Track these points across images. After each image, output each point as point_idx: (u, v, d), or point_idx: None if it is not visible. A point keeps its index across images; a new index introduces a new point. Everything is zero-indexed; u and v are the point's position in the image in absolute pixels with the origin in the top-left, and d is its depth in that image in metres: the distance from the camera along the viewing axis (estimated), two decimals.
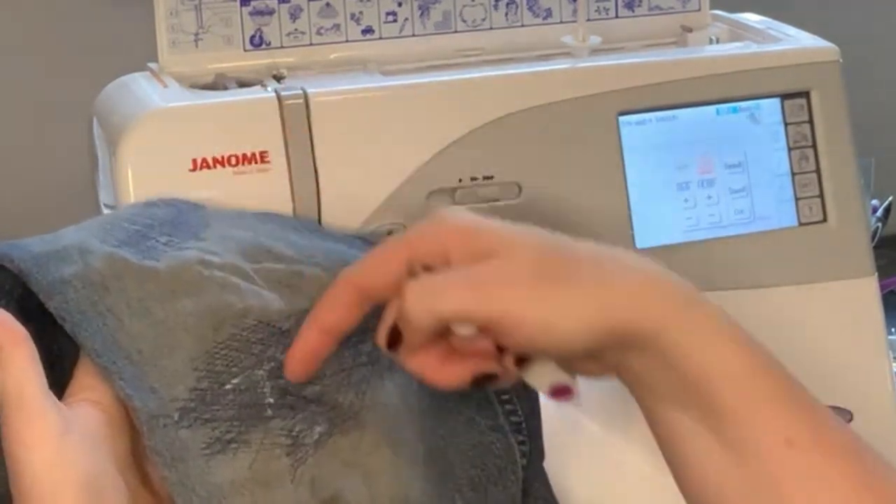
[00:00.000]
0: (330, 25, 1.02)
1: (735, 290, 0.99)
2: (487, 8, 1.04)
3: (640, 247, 0.97)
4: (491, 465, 0.81)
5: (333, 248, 0.83)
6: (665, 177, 0.99)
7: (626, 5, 1.07)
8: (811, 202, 1.01)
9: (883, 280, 1.07)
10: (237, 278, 0.77)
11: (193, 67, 0.99)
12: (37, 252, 0.75)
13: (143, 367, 0.72)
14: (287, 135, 0.91)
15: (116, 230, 0.79)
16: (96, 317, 0.73)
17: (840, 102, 1.01)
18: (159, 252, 0.77)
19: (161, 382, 0.72)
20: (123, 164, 0.89)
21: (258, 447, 0.73)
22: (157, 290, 0.75)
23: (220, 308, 0.75)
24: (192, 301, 0.75)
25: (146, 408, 0.71)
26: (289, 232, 0.84)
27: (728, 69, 1.00)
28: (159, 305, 0.74)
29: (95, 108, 0.98)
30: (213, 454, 0.72)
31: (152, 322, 0.74)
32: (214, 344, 0.74)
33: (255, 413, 0.74)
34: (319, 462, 0.75)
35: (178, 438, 0.71)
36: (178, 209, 0.83)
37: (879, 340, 1.01)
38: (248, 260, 0.79)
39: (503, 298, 0.70)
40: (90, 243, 0.76)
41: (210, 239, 0.80)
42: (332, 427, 0.76)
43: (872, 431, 1.01)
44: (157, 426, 0.71)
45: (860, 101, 1.04)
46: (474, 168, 0.94)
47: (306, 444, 0.75)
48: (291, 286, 0.78)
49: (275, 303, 0.77)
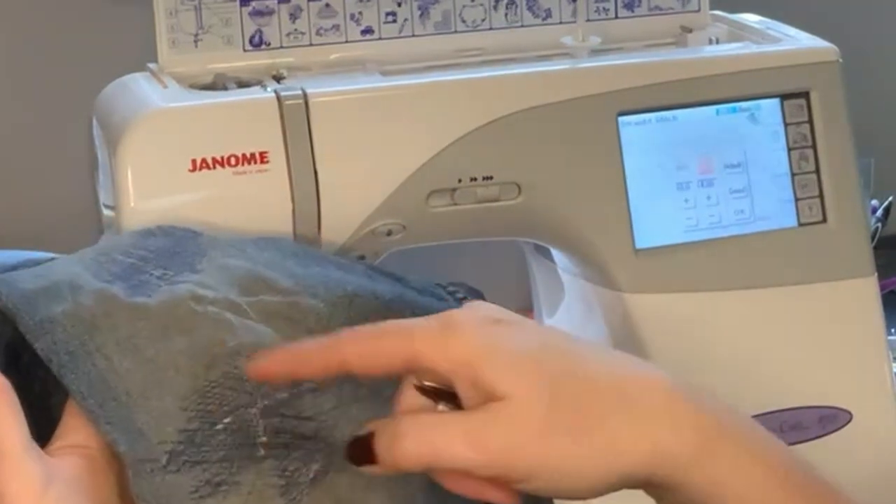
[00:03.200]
0: (329, 26, 1.02)
1: (735, 290, 0.99)
2: (487, 8, 1.04)
3: (639, 247, 0.97)
4: None
5: (334, 276, 0.81)
6: (665, 177, 0.99)
7: (625, 5, 1.07)
8: (811, 202, 1.01)
9: (883, 280, 1.07)
10: (231, 314, 0.75)
11: (193, 68, 0.99)
12: (26, 289, 0.73)
13: (131, 408, 0.71)
14: (287, 135, 0.91)
15: (110, 263, 0.77)
16: (85, 356, 0.71)
17: (840, 102, 1.01)
18: (152, 287, 0.76)
19: (149, 424, 0.71)
20: (123, 164, 0.89)
21: (250, 488, 0.71)
22: (148, 328, 0.73)
23: (213, 345, 0.73)
24: (184, 339, 0.73)
25: (132, 452, 0.69)
26: (288, 260, 0.82)
27: (728, 69, 1.00)
28: (150, 343, 0.73)
29: (95, 108, 0.98)
30: (202, 498, 0.70)
31: (142, 360, 0.72)
32: (206, 382, 0.72)
33: (247, 453, 0.72)
34: (315, 501, 0.73)
35: (164, 484, 0.69)
36: (175, 239, 0.82)
37: (879, 340, 1.01)
38: (243, 292, 0.77)
39: (511, 458, 0.65)
40: (82, 278, 0.75)
41: (206, 270, 0.78)
42: (328, 464, 0.74)
43: (872, 431, 1.01)
44: (143, 471, 0.69)
45: (860, 101, 1.04)
46: (474, 168, 0.94)
47: (301, 483, 0.73)
48: (288, 318, 0.77)
49: (270, 338, 0.75)
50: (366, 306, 0.79)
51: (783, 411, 0.98)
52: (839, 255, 1.01)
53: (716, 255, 0.99)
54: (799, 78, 1.01)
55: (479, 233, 0.98)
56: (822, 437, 0.99)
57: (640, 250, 0.97)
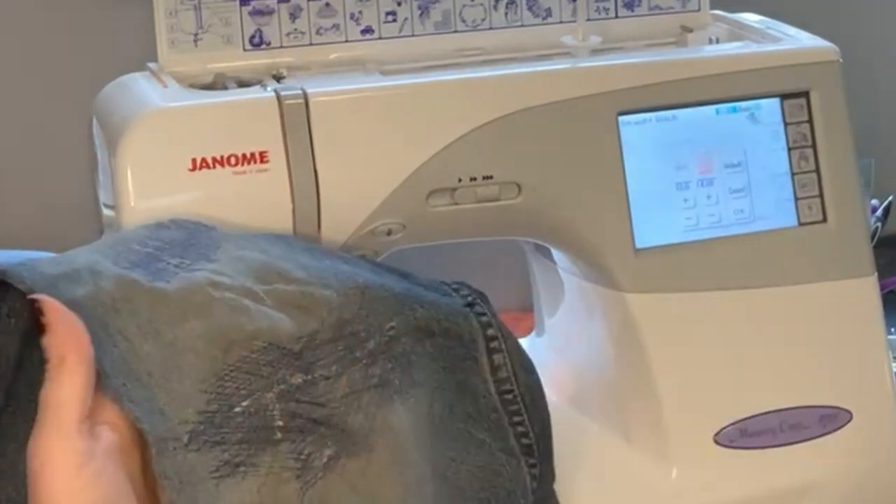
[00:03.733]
0: (329, 25, 1.02)
1: (735, 290, 0.99)
2: (487, 8, 1.04)
3: (639, 247, 0.97)
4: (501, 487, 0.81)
5: (344, 269, 0.83)
6: (665, 177, 0.99)
7: (625, 5, 1.07)
8: (811, 202, 1.01)
9: (883, 280, 1.07)
10: (247, 300, 0.77)
11: (193, 67, 0.99)
12: (49, 274, 0.75)
13: (152, 390, 0.72)
14: (287, 135, 0.91)
15: (128, 252, 0.79)
16: (106, 338, 0.73)
17: (840, 102, 1.01)
18: (170, 274, 0.77)
19: (170, 405, 0.72)
20: (123, 164, 0.89)
21: (267, 470, 0.73)
22: (168, 312, 0.75)
23: (230, 330, 0.75)
24: (201, 323, 0.75)
25: (155, 430, 0.71)
26: (299, 253, 0.84)
27: (728, 69, 1.00)
28: (169, 327, 0.74)
29: (95, 108, 0.98)
30: (221, 478, 0.72)
31: (162, 344, 0.74)
32: (224, 366, 0.74)
33: (265, 436, 0.74)
34: (328, 485, 0.74)
35: (186, 462, 0.71)
36: (189, 231, 0.83)
37: (879, 340, 1.01)
38: (258, 281, 0.78)
39: None
40: (102, 265, 0.76)
41: (221, 260, 0.80)
42: (340, 450, 0.75)
43: (872, 431, 1.01)
44: (165, 449, 0.71)
45: (860, 101, 1.04)
46: (474, 168, 0.94)
47: (315, 468, 0.74)
48: (302, 308, 0.78)
49: (285, 324, 0.77)
50: (377, 298, 0.80)
51: (783, 411, 0.98)
52: (839, 254, 1.01)
53: (716, 254, 0.99)
54: (799, 78, 1.01)
55: (479, 232, 0.98)
56: (822, 437, 0.99)
57: (640, 250, 0.97)
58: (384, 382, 0.78)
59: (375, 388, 0.77)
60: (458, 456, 0.80)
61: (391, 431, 0.77)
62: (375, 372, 0.78)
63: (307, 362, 0.77)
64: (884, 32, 1.51)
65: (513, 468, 0.82)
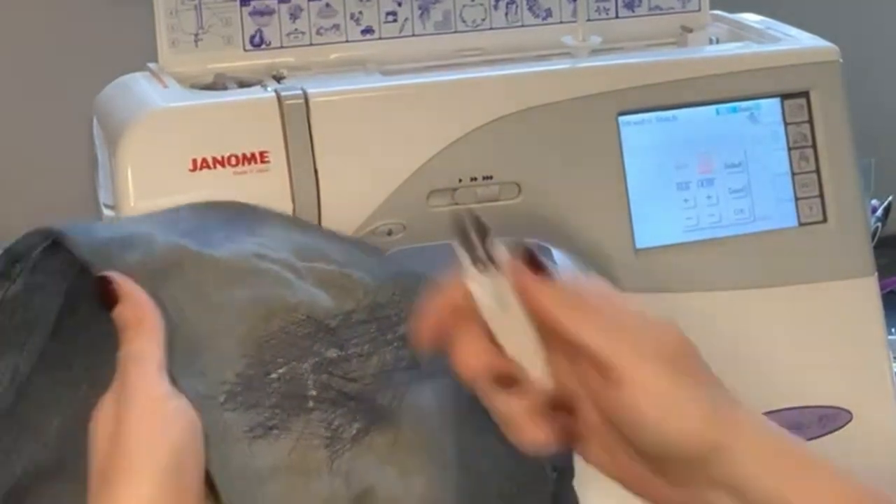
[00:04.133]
0: (330, 25, 1.02)
1: (735, 290, 0.99)
2: (487, 8, 1.04)
3: (639, 247, 0.97)
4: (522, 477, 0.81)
5: (379, 259, 0.86)
6: (665, 177, 0.99)
7: (626, 5, 1.07)
8: (811, 202, 1.01)
9: (883, 280, 1.07)
10: (290, 273, 0.79)
11: (193, 67, 0.99)
12: (103, 237, 0.77)
13: (196, 348, 0.75)
14: (287, 135, 0.91)
15: (177, 223, 0.82)
16: (157, 302, 0.75)
17: (840, 102, 1.01)
18: (217, 243, 0.80)
19: (211, 366, 0.75)
20: (123, 164, 0.89)
21: (298, 435, 0.75)
22: (215, 277, 0.77)
23: (272, 300, 0.77)
24: (247, 291, 0.77)
25: (194, 389, 0.73)
26: (331, 241, 0.86)
27: (728, 69, 1.00)
28: (216, 291, 0.77)
29: (95, 108, 0.98)
30: (255, 438, 0.74)
31: (208, 306, 0.76)
32: (264, 333, 0.77)
33: (298, 404, 0.76)
34: (356, 456, 0.76)
35: (221, 420, 0.73)
36: (234, 209, 0.86)
37: (879, 340, 1.01)
38: (300, 258, 0.81)
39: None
40: (154, 233, 0.79)
41: (265, 236, 0.82)
42: (369, 424, 0.77)
43: (872, 431, 1.01)
44: (203, 406, 0.73)
45: (860, 101, 1.04)
46: (474, 168, 0.94)
47: (344, 438, 0.76)
48: (340, 287, 0.80)
49: (324, 300, 0.79)
50: (410, 287, 0.82)
51: (783, 411, 0.98)
52: (839, 254, 1.01)
53: (716, 254, 0.99)
54: (799, 78, 1.01)
55: None
56: (822, 437, 0.99)
57: (640, 250, 0.97)
58: (413, 364, 0.80)
59: (405, 370, 0.79)
60: (482, 445, 0.80)
61: (418, 412, 0.79)
62: (405, 355, 0.79)
63: (342, 339, 0.79)
64: (884, 32, 1.51)
65: (535, 459, 0.82)
